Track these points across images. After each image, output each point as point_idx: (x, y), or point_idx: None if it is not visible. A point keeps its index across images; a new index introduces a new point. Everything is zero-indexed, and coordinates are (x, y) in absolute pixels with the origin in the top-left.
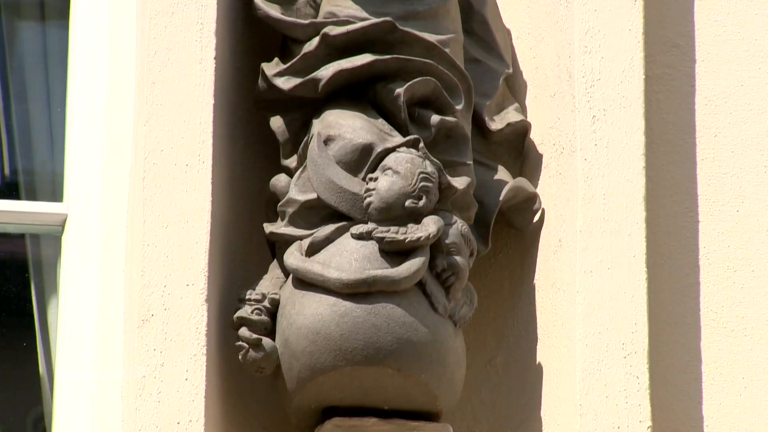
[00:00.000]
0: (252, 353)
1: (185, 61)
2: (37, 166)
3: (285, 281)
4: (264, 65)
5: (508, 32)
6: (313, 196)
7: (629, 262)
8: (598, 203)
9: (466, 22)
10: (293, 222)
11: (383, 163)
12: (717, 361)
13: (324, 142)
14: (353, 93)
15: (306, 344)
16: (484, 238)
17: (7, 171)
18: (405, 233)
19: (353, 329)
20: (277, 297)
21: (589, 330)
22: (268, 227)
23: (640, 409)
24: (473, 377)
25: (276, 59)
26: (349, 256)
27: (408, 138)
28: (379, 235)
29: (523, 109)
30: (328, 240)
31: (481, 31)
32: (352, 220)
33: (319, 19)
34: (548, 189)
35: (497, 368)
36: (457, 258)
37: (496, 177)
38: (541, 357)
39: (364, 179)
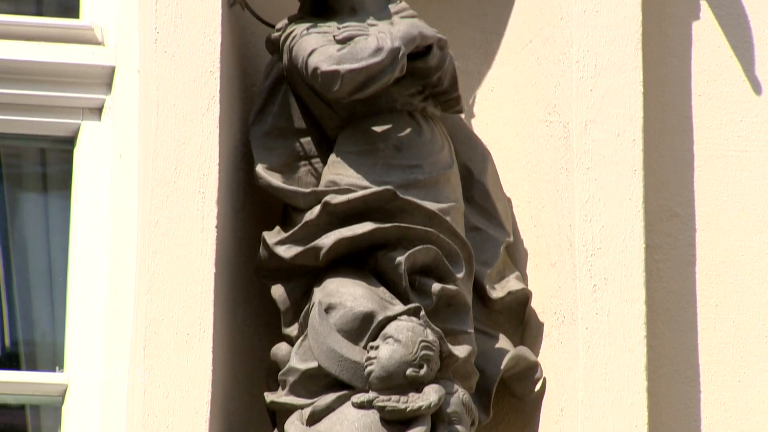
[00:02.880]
0: None
1: (187, 230)
2: (38, 337)
3: None
4: (265, 234)
5: (509, 201)
6: (314, 364)
7: (631, 431)
8: (600, 372)
9: (466, 190)
10: (294, 391)
11: (384, 331)
12: None
13: (325, 310)
14: (354, 261)
15: None
16: (485, 407)
17: (7, 341)
18: (406, 402)
19: None
20: None
21: None
22: (269, 396)
23: None
24: None
25: (277, 227)
26: (350, 426)
27: (409, 306)
28: (380, 404)
29: (524, 278)
30: (329, 409)
31: (482, 200)
32: (353, 389)
33: (321, 187)
34: (549, 358)
35: None
36: (459, 427)
37: (497, 345)
38: None
39: (365, 347)
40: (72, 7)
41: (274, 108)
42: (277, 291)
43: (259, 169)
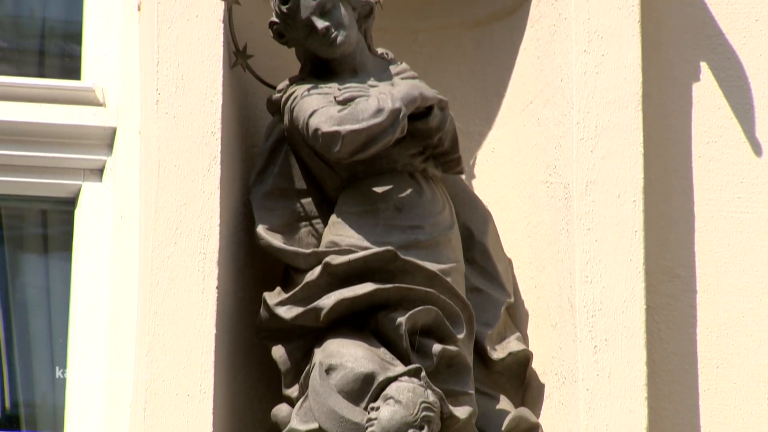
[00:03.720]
0: None
1: (187, 291)
2: (38, 399)
3: None
4: (266, 294)
5: (510, 261)
6: (314, 425)
7: None
8: None
9: (467, 251)
10: None
11: (385, 392)
12: None
13: (326, 371)
14: (355, 322)
15: None
16: None
17: (7, 403)
18: None
19: None
20: None
21: None
22: None
23: None
24: None
25: (278, 288)
26: None
27: (410, 367)
28: None
29: (524, 339)
30: None
31: (483, 261)
32: None
33: (321, 248)
34: (551, 419)
35: None
36: None
37: (498, 406)
38: None
39: (365, 408)
40: (74, 69)
41: (275, 169)
42: (278, 352)
43: (260, 229)
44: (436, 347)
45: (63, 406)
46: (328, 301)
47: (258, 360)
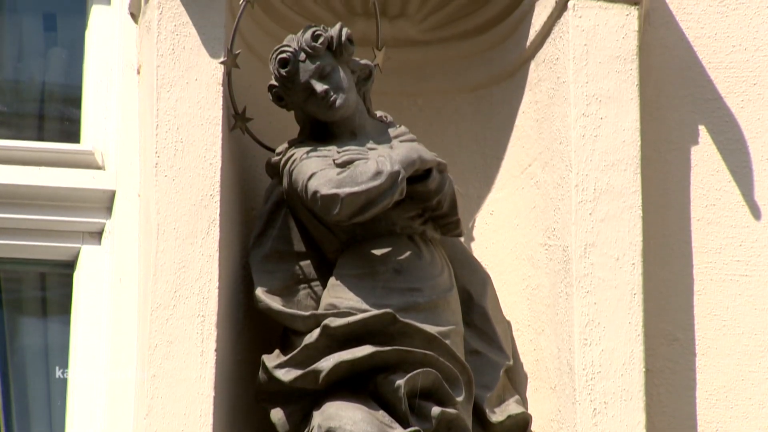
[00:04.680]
0: None
1: (186, 353)
2: None
3: None
4: (265, 357)
5: (509, 324)
6: None
7: None
8: None
9: (466, 313)
10: None
11: None
12: None
13: None
14: (354, 384)
15: None
16: None
17: None
18: None
19: None
20: None
21: None
22: None
23: None
24: None
25: (277, 351)
26: None
27: (409, 430)
28: None
29: (523, 401)
30: None
31: (482, 323)
32: None
33: (320, 310)
34: None
35: None
36: None
37: None
38: None
39: None
40: (73, 132)
41: (273, 231)
42: (277, 414)
43: (259, 292)
44: (435, 410)
45: None
46: (326, 363)
47: (257, 423)
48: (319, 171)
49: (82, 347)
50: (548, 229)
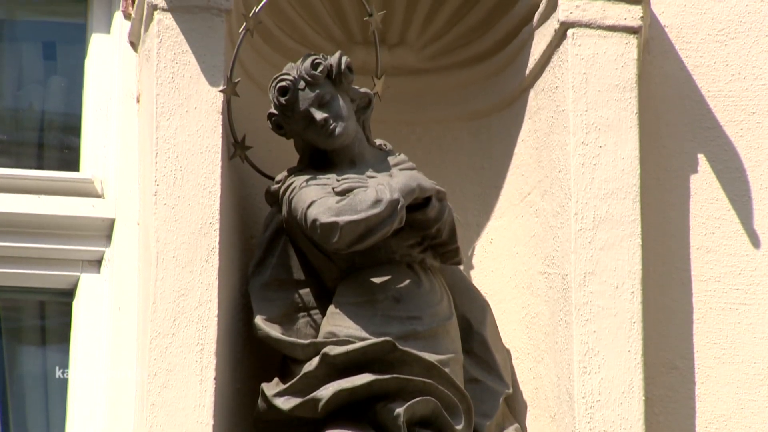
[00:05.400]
0: None
1: (185, 382)
2: None
3: None
4: (264, 385)
5: (508, 352)
6: None
7: None
8: None
9: (465, 342)
10: None
11: None
12: None
13: None
14: (353, 412)
15: None
16: None
17: None
18: None
19: None
20: None
21: None
22: None
23: None
24: None
25: (276, 379)
26: None
27: None
28: None
29: (523, 430)
30: None
31: (481, 351)
32: None
33: (319, 338)
34: None
35: None
36: None
37: None
38: None
39: None
40: (72, 161)
41: (273, 259)
42: None
43: (258, 320)
44: None
45: None
46: (326, 391)
47: None
48: (318, 199)
49: (82, 375)
50: (547, 257)
